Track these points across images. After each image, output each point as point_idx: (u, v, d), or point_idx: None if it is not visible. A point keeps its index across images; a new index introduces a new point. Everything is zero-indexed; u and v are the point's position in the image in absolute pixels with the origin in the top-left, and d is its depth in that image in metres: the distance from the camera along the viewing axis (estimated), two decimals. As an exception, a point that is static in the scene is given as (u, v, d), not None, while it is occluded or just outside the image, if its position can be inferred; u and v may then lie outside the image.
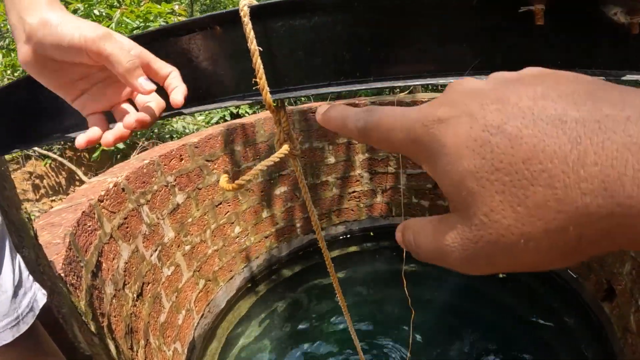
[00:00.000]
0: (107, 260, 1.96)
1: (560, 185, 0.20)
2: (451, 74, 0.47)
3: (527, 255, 0.22)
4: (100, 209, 2.01)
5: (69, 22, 0.48)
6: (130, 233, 2.22)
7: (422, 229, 0.27)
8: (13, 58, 4.43)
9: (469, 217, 0.23)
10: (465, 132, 0.23)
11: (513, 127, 0.21)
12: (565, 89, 0.22)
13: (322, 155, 3.50)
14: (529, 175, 0.20)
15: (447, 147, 0.24)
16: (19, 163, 4.78)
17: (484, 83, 0.25)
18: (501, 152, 0.21)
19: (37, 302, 0.76)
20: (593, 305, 2.66)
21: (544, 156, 0.20)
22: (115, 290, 1.94)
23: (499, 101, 0.23)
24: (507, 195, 0.21)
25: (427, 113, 0.25)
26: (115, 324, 1.86)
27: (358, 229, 3.80)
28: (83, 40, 0.47)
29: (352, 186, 3.67)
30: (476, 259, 0.23)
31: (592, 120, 0.19)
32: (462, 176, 0.23)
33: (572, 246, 0.20)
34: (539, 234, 0.21)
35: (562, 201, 0.20)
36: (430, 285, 3.17)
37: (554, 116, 0.21)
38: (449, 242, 0.24)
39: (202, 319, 2.83)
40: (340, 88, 0.48)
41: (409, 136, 0.26)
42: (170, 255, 2.56)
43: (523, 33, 0.48)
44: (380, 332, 2.87)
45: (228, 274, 3.15)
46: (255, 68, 0.46)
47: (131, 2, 4.61)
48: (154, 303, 2.32)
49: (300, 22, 0.46)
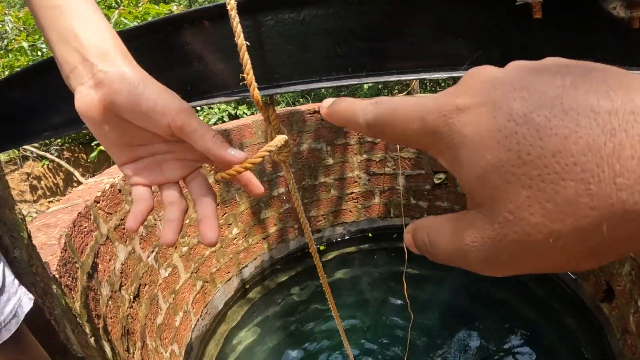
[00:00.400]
0: (104, 261, 1.94)
1: (594, 180, 0.18)
2: (446, 69, 0.46)
3: (555, 255, 0.20)
4: (96, 210, 1.99)
5: (150, 84, 0.45)
6: (127, 234, 2.20)
7: (438, 228, 0.26)
8: (11, 59, 4.42)
9: (492, 214, 0.21)
10: (489, 122, 0.21)
11: (541, 116, 0.20)
12: (594, 78, 0.20)
13: (320, 157, 3.48)
14: (559, 169, 0.19)
15: (468, 138, 0.22)
16: (17, 164, 4.77)
17: (504, 70, 0.23)
18: (529, 144, 0.20)
19: (22, 307, 0.74)
20: (592, 306, 2.65)
21: (576, 149, 0.18)
22: (111, 291, 1.93)
23: (524, 89, 0.21)
24: (535, 191, 0.19)
25: (445, 102, 0.24)
26: (112, 325, 1.84)
27: (356, 230, 3.79)
28: (167, 111, 0.44)
29: (350, 187, 3.66)
30: (499, 259, 0.22)
31: (627, 112, 0.18)
32: (485, 170, 0.21)
33: (604, 245, 0.19)
34: (569, 232, 0.19)
35: (595, 197, 0.18)
36: (429, 286, 3.16)
37: (586, 106, 0.19)
38: (469, 241, 0.23)
39: (199, 321, 2.82)
40: (332, 83, 0.47)
41: (425, 127, 0.24)
42: (167, 257, 2.55)
43: (521, 28, 0.47)
44: (378, 333, 2.86)
45: (226, 276, 3.14)
46: (243, 63, 0.44)
47: (129, 2, 4.60)
48: (150, 305, 2.31)
49: (289, 16, 0.45)
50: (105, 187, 2.11)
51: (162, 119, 0.44)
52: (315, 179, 3.54)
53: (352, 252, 3.69)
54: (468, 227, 0.23)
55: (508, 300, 3.00)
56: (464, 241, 0.23)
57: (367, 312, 3.05)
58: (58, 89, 0.74)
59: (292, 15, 0.45)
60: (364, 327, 2.93)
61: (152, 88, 0.44)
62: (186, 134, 0.45)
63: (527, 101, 0.20)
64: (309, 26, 0.45)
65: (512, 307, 2.95)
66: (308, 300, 3.21)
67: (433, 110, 0.24)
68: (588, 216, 0.18)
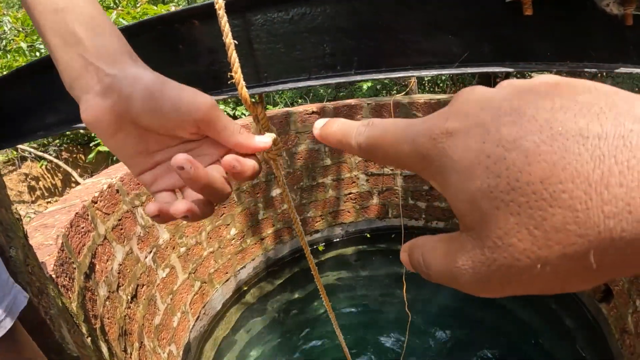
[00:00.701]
0: (101, 262, 1.94)
1: (581, 207, 0.18)
2: (437, 66, 0.45)
3: (543, 280, 0.20)
4: (94, 210, 1.99)
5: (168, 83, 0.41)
6: (125, 235, 2.20)
7: (432, 249, 0.26)
8: (9, 60, 4.42)
9: (482, 239, 0.21)
10: (478, 147, 0.21)
11: (530, 142, 0.20)
12: (584, 100, 0.20)
13: (318, 157, 3.48)
14: (547, 196, 0.19)
15: (457, 163, 0.22)
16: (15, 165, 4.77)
17: (494, 91, 0.23)
18: (517, 170, 0.20)
19: (17, 306, 0.74)
20: (590, 306, 2.65)
21: (564, 175, 0.18)
22: (108, 292, 1.93)
23: (514, 112, 0.21)
24: (523, 217, 0.20)
25: (435, 125, 0.24)
26: (109, 325, 1.84)
27: (354, 230, 3.79)
28: (194, 110, 0.41)
29: (349, 188, 3.65)
30: (489, 282, 0.22)
31: (616, 136, 0.18)
32: (474, 195, 0.21)
33: (592, 271, 0.19)
34: (557, 259, 0.19)
35: (583, 225, 0.18)
36: (428, 287, 3.15)
37: (575, 131, 0.19)
38: (460, 264, 0.23)
39: (197, 322, 2.81)
40: (321, 82, 0.47)
41: (415, 151, 0.24)
42: (165, 257, 2.54)
43: (513, 25, 0.47)
44: (375, 334, 2.86)
45: (224, 276, 3.14)
46: (231, 62, 0.44)
47: (128, 3, 4.60)
48: (148, 305, 2.30)
49: (278, 15, 0.45)
50: (103, 188, 2.10)
51: (188, 118, 0.41)
52: (313, 180, 3.54)
53: (350, 253, 3.69)
54: (459, 250, 0.23)
55: (505, 301, 2.99)
56: (455, 264, 0.23)
57: (364, 313, 3.05)
58: (52, 89, 0.74)
59: (281, 14, 0.45)
60: (362, 327, 2.92)
61: (171, 86, 0.41)
62: (217, 131, 0.43)
63: (516, 126, 0.20)
64: (298, 25, 0.45)
65: (510, 308, 2.95)
66: (306, 301, 3.21)
67: (423, 134, 0.24)
68: (575, 243, 0.18)
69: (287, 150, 3.36)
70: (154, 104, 0.40)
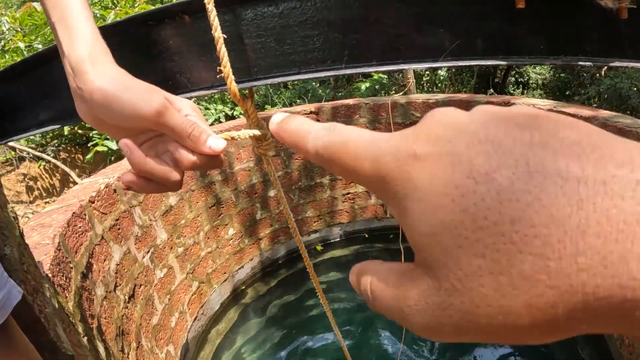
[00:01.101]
0: (98, 261, 1.93)
1: (554, 256, 0.16)
2: (427, 60, 0.45)
3: (504, 331, 0.19)
4: (91, 210, 1.99)
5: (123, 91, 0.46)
6: (122, 234, 2.20)
7: (382, 279, 0.23)
8: (7, 60, 4.42)
9: (439, 279, 0.19)
10: (447, 177, 0.19)
11: (504, 177, 0.18)
12: (565, 137, 0.18)
13: (317, 156, 3.48)
14: (517, 240, 0.17)
15: (421, 191, 0.20)
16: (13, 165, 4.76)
17: (469, 116, 0.21)
18: (486, 207, 0.18)
19: (11, 300, 0.73)
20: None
21: (537, 219, 0.17)
22: (106, 291, 1.92)
23: (489, 142, 0.19)
24: (489, 260, 0.18)
25: (401, 145, 0.21)
26: (106, 325, 1.83)
27: (352, 230, 3.79)
28: (143, 118, 0.46)
29: (347, 188, 3.65)
30: (442, 328, 0.20)
31: (598, 181, 0.16)
32: (436, 230, 0.19)
33: (559, 326, 0.17)
34: (521, 310, 0.17)
35: (554, 275, 0.16)
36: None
37: (553, 170, 0.17)
38: (412, 304, 0.21)
39: (195, 322, 2.81)
40: (310, 75, 0.46)
41: (376, 170, 0.22)
42: (162, 257, 2.54)
43: (505, 18, 0.46)
44: (374, 333, 2.85)
45: (222, 276, 3.13)
46: (220, 56, 0.44)
47: (125, 3, 4.60)
48: (146, 305, 2.30)
49: (268, 9, 0.44)
50: (100, 187, 2.10)
51: (139, 124, 0.47)
52: (311, 180, 3.54)
53: (348, 253, 3.69)
54: (412, 288, 0.21)
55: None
56: (406, 302, 0.21)
57: (361, 313, 3.04)
58: (45, 85, 0.74)
59: (270, 8, 0.44)
60: (360, 326, 2.92)
61: (122, 97, 0.46)
62: (168, 131, 0.47)
63: (490, 157, 0.18)
64: (288, 19, 0.45)
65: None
66: (304, 301, 3.20)
67: (387, 153, 0.22)
68: (544, 295, 0.17)
69: (285, 150, 3.35)
70: (110, 114, 0.46)
